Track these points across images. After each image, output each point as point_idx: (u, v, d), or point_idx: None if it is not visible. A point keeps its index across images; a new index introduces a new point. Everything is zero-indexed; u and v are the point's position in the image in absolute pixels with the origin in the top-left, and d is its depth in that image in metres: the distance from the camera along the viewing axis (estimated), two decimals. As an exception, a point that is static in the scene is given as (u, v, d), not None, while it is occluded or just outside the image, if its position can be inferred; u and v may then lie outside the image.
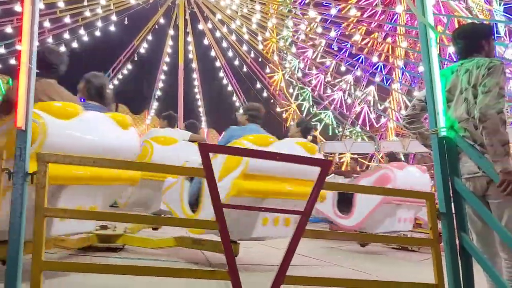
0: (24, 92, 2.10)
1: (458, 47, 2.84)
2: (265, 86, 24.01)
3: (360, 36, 19.04)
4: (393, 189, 3.69)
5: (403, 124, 3.05)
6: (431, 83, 2.70)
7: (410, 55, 23.55)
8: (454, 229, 2.53)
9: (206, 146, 2.22)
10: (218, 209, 2.16)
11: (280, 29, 19.02)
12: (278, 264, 2.19)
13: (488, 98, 2.42)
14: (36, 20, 2.18)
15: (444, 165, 2.61)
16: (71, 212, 2.13)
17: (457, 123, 2.63)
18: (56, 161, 2.07)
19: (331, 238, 3.52)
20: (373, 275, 4.20)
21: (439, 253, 2.44)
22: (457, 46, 2.86)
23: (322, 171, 2.34)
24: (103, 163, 2.16)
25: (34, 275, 1.89)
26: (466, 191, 2.52)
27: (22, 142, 2.05)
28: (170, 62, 21.85)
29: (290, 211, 2.49)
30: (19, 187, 2.02)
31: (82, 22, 17.41)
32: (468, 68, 2.63)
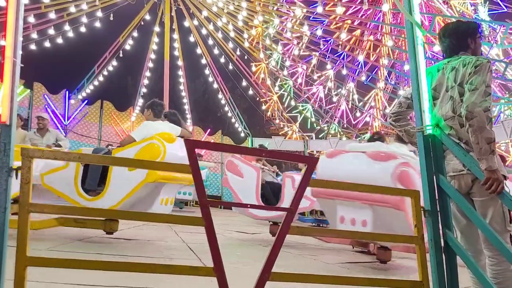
0: (8, 86, 2.06)
1: (444, 45, 2.85)
2: (251, 84, 23.99)
3: (346, 35, 19.11)
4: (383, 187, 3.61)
5: (390, 122, 3.07)
6: (417, 81, 2.73)
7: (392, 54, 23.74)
8: (439, 227, 2.56)
9: (192, 142, 2.21)
10: (204, 206, 2.15)
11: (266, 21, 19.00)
12: (263, 261, 2.19)
13: (474, 96, 2.43)
14: (21, 14, 2.14)
15: (430, 162, 2.64)
16: (54, 208, 2.10)
17: (442, 121, 2.65)
18: (41, 156, 2.04)
19: (317, 235, 3.53)
20: (359, 271, 4.25)
21: (423, 251, 2.46)
22: (443, 44, 2.86)
23: (308, 168, 2.35)
24: (89, 159, 2.13)
25: (18, 271, 1.86)
26: (451, 188, 2.55)
27: (7, 136, 2.02)
28: (155, 59, 21.72)
29: (275, 208, 2.49)
30: (3, 183, 1.99)
31: (67, 18, 17.18)
32: (455, 66, 2.65)
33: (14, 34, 2.11)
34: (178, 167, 2.14)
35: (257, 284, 2.19)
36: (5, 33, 2.17)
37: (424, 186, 2.65)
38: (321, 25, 18.13)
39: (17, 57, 2.14)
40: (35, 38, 17.24)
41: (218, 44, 20.89)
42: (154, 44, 21.17)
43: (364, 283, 2.35)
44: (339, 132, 24.63)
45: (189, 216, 2.05)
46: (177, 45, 21.32)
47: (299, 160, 2.23)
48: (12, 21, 2.12)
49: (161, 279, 3.21)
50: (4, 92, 2.07)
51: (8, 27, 2.12)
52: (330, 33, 20.58)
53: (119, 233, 5.84)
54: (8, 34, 2.14)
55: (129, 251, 4.57)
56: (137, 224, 7.16)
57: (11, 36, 2.13)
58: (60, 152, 2.00)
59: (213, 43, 20.76)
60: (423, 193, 2.63)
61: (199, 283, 3.03)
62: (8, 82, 2.09)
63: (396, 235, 2.57)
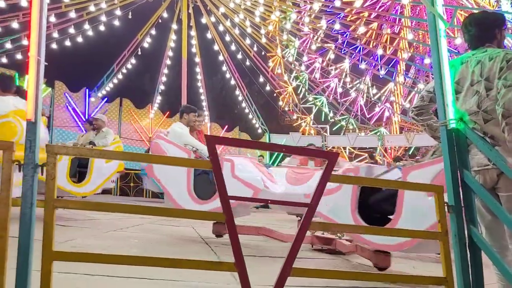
0: (33, 85, 2.09)
1: (470, 35, 2.76)
2: (268, 79, 23.97)
3: (364, 28, 18.90)
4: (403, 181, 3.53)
5: (412, 116, 3.02)
6: (440, 75, 2.67)
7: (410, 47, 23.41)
8: (463, 222, 2.51)
9: (213, 138, 2.21)
10: (225, 201, 2.16)
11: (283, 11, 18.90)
12: (284, 256, 2.19)
13: (511, 93, 2.36)
14: (44, 12, 2.17)
15: (453, 157, 2.59)
16: (78, 203, 2.13)
17: (467, 116, 2.60)
18: (66, 153, 2.07)
19: (337, 230, 3.48)
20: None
21: (447, 246, 2.43)
22: (468, 34, 2.77)
23: (329, 163, 2.34)
24: (110, 155, 2.15)
25: (45, 265, 1.90)
26: (475, 183, 2.50)
27: (32, 134, 2.05)
28: (173, 56, 21.86)
29: (296, 204, 2.49)
30: (30, 179, 2.02)
31: (86, 17, 17.40)
32: (480, 60, 2.57)
33: (38, 32, 2.14)
34: (199, 163, 2.14)
35: (278, 279, 2.19)
36: (29, 32, 2.21)
37: (447, 181, 2.60)
38: (337, 18, 17.98)
39: (41, 55, 2.17)
40: (56, 37, 17.50)
41: (235, 41, 20.90)
42: (172, 41, 21.28)
43: (387, 279, 2.33)
44: (357, 127, 24.44)
45: (210, 212, 2.05)
46: (194, 42, 21.41)
47: (319, 156, 2.21)
48: (36, 20, 2.15)
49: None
50: (29, 90, 2.10)
51: (32, 25, 2.15)
52: (346, 26, 20.39)
53: (138, 228, 5.93)
54: (32, 33, 2.17)
55: (148, 245, 4.62)
56: (154, 218, 7.22)
57: (35, 35, 2.16)
58: (83, 149, 2.03)
59: (230, 40, 20.77)
60: (447, 188, 2.59)
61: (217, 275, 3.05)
62: (33, 81, 2.12)
63: (418, 231, 2.53)
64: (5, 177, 2.00)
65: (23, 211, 2.00)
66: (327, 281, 2.69)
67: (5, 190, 1.99)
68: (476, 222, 2.55)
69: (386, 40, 22.57)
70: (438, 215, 2.51)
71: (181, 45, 19.00)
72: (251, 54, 22.16)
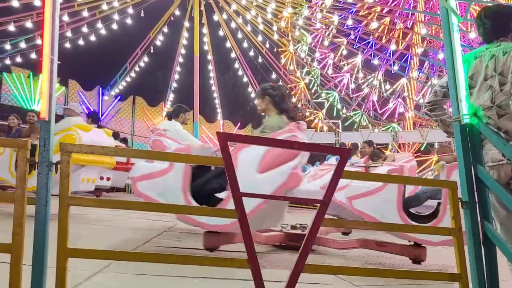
0: (47, 83, 2.12)
1: (485, 28, 2.72)
2: (280, 76, 23.93)
3: (377, 23, 18.74)
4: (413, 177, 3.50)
5: (425, 111, 2.99)
6: (453, 69, 2.65)
7: (431, 42, 23.15)
8: (477, 218, 2.49)
9: (225, 135, 2.22)
10: (237, 198, 2.16)
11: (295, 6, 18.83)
12: (297, 253, 2.19)
13: None
14: (57, 11, 2.20)
15: (467, 152, 2.56)
16: (91, 201, 2.15)
17: (481, 111, 2.57)
18: (79, 151, 2.10)
19: (350, 227, 3.43)
20: (393, 264, 4.20)
21: (461, 243, 2.40)
22: (483, 27, 2.73)
23: (342, 159, 2.33)
24: (123, 153, 2.17)
25: (60, 262, 1.93)
26: (489, 179, 2.48)
27: (46, 132, 2.08)
28: (185, 53, 21.94)
29: (308, 200, 2.48)
30: (44, 177, 2.05)
31: (99, 15, 17.54)
32: (494, 54, 2.54)
33: (51, 32, 2.17)
34: (212, 160, 2.15)
35: (291, 276, 2.19)
36: (42, 31, 2.23)
37: (461, 176, 2.57)
38: (349, 14, 17.87)
39: (54, 54, 2.19)
40: (69, 36, 17.68)
41: (247, 38, 20.89)
42: (184, 39, 21.35)
43: (401, 275, 2.32)
44: (370, 123, 24.28)
45: (222, 209, 2.06)
46: (206, 39, 21.45)
47: (331, 152, 2.19)
48: (49, 19, 2.18)
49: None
50: (42, 89, 2.13)
51: (45, 25, 2.17)
52: (358, 21, 20.26)
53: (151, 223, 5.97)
54: (45, 32, 2.20)
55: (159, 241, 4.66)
56: (162, 215, 7.23)
57: (48, 34, 2.19)
58: (97, 147, 2.05)
59: (242, 37, 20.77)
60: (461, 184, 2.56)
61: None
62: (46, 79, 2.15)
63: (433, 227, 2.51)
64: (21, 175, 2.04)
65: (38, 209, 2.03)
66: (337, 278, 2.69)
67: (21, 188, 2.02)
68: (490, 217, 2.53)
69: (399, 35, 22.36)
70: (451, 211, 2.49)
71: (193, 42, 19.04)
72: (263, 51, 22.13)
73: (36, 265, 1.99)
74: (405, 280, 2.86)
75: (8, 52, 16.75)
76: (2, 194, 2.03)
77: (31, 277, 1.97)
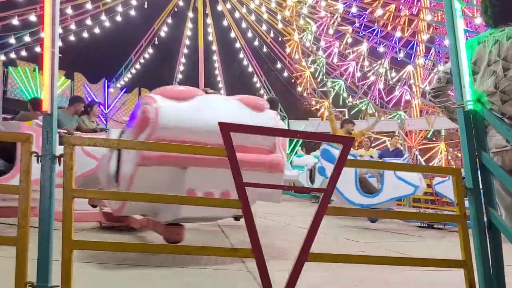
0: (48, 76, 2.13)
1: (492, 10, 2.65)
2: (285, 65, 23.83)
3: (381, 10, 18.58)
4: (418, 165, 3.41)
5: (429, 98, 2.96)
6: (457, 56, 2.62)
7: (436, 29, 22.90)
8: (482, 205, 2.48)
9: (228, 125, 2.22)
10: (240, 187, 2.17)
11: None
12: (301, 242, 2.20)
13: None
14: (57, 4, 2.20)
15: (471, 139, 2.54)
16: (99, 193, 2.17)
17: (485, 97, 2.54)
18: (82, 143, 2.11)
19: (354, 215, 3.38)
20: (396, 251, 4.20)
21: (466, 229, 2.40)
22: (491, 8, 2.66)
23: (345, 148, 2.32)
24: (126, 144, 2.18)
25: (65, 254, 1.95)
26: (494, 165, 2.46)
27: (49, 125, 2.09)
28: (190, 44, 21.88)
29: (312, 189, 2.48)
30: (48, 170, 2.07)
31: (103, 7, 17.51)
32: (498, 39, 2.50)
33: (51, 24, 2.17)
34: (214, 150, 2.15)
35: (295, 265, 2.20)
36: (43, 24, 2.24)
37: (465, 163, 2.56)
38: (354, 1, 17.71)
39: (55, 47, 2.20)
40: (74, 29, 17.68)
41: (251, 27, 20.79)
42: (188, 30, 21.29)
43: (406, 263, 2.32)
44: (376, 111, 24.15)
45: (225, 199, 2.07)
46: (210, 30, 21.37)
47: (334, 140, 2.19)
48: (49, 12, 2.18)
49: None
50: (44, 82, 2.14)
51: (45, 18, 2.18)
52: (363, 8, 20.07)
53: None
54: (46, 25, 2.20)
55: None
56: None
57: (49, 27, 2.19)
58: (99, 139, 2.06)
59: (247, 26, 20.67)
60: (465, 171, 2.55)
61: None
62: (48, 72, 2.16)
63: (437, 214, 2.51)
64: (24, 168, 2.05)
65: (42, 201, 2.05)
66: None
67: (25, 181, 2.04)
68: (495, 204, 2.52)
69: (404, 22, 22.13)
70: (456, 198, 2.48)
71: (197, 33, 18.97)
72: (267, 40, 22.02)
73: (41, 258, 2.01)
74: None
75: (13, 46, 16.80)
76: (7, 186, 2.05)
77: (37, 269, 1.99)
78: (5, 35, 16.25)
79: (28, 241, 2.01)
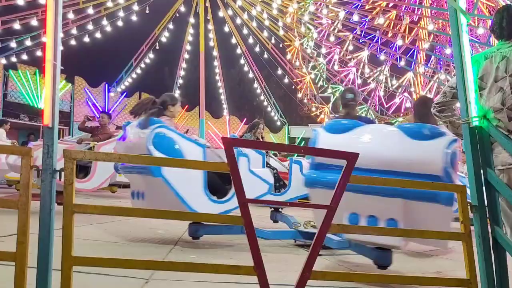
0: (50, 89, 2.10)
1: (502, 26, 2.64)
2: (286, 72, 23.84)
3: (383, 19, 18.57)
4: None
5: (434, 112, 2.93)
6: (462, 70, 2.59)
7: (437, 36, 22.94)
8: (487, 223, 2.45)
9: (230, 140, 2.19)
10: (243, 204, 2.14)
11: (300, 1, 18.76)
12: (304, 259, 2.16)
13: None
14: (59, 17, 2.17)
15: (476, 156, 2.52)
16: (97, 208, 2.14)
17: (491, 113, 2.52)
18: (83, 157, 2.08)
19: (358, 232, 3.19)
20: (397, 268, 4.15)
21: (471, 248, 2.36)
22: (499, 25, 2.65)
23: (348, 164, 2.29)
24: (129, 159, 2.15)
25: (65, 270, 1.91)
26: (500, 183, 2.43)
27: (49, 139, 2.06)
28: (191, 50, 21.87)
29: (314, 205, 2.45)
30: (48, 184, 2.04)
31: (104, 12, 17.52)
32: (505, 55, 2.48)
33: (54, 37, 2.14)
34: (217, 165, 2.12)
35: (298, 283, 2.16)
36: (45, 32, 2.21)
37: (470, 180, 2.53)
38: (355, 9, 17.73)
39: (57, 60, 2.17)
40: (75, 34, 17.68)
41: (252, 33, 20.81)
42: (190, 35, 21.29)
43: (408, 281, 2.28)
44: (377, 118, 24.14)
45: (228, 215, 2.04)
46: (212, 35, 21.37)
47: (338, 156, 2.16)
48: (51, 24, 2.16)
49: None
50: (46, 95, 2.11)
51: (47, 30, 2.15)
52: (364, 15, 20.10)
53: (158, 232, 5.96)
54: (48, 37, 2.18)
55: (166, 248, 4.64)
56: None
57: (51, 39, 2.17)
58: (100, 153, 2.03)
59: (248, 32, 20.68)
60: (470, 188, 2.52)
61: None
62: (49, 85, 2.13)
63: (442, 232, 2.48)
64: (24, 182, 2.02)
65: (42, 216, 2.02)
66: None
67: (24, 195, 2.00)
68: (500, 222, 2.49)
69: (405, 30, 22.15)
70: (461, 216, 2.45)
71: (198, 39, 18.97)
72: (268, 46, 22.03)
73: (40, 274, 1.98)
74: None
75: (14, 49, 16.79)
76: (6, 201, 2.02)
77: (36, 285, 1.95)
78: (6, 39, 16.24)
79: (27, 258, 1.97)
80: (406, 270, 3.97)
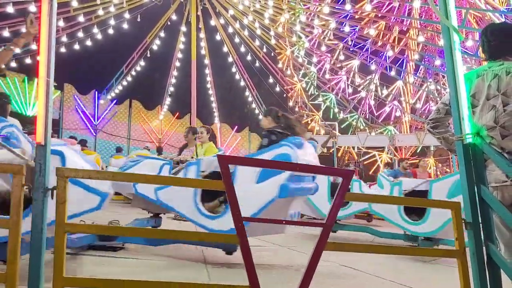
0: (43, 106, 2.07)
1: (491, 45, 2.67)
2: (277, 80, 23.92)
3: (373, 29, 18.77)
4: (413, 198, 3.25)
5: (427, 128, 2.94)
6: (456, 87, 2.61)
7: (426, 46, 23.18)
8: (481, 240, 2.45)
9: (226, 158, 2.18)
10: (239, 223, 2.12)
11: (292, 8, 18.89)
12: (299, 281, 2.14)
13: None
14: (53, 35, 2.15)
15: (470, 173, 2.52)
16: (90, 228, 2.10)
17: (484, 130, 2.53)
18: (75, 175, 2.05)
19: (354, 251, 3.13)
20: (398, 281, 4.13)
21: (465, 265, 2.37)
22: (488, 43, 2.69)
23: (345, 181, 2.29)
24: (121, 177, 2.13)
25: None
26: (493, 200, 2.44)
27: (41, 157, 2.03)
28: (182, 58, 21.87)
29: (310, 223, 2.43)
30: (40, 203, 2.00)
31: (95, 20, 17.47)
32: (497, 73, 2.50)
33: (47, 54, 2.12)
34: (212, 184, 2.10)
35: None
36: (39, 44, 2.18)
37: (464, 196, 2.54)
38: (345, 19, 17.90)
39: (50, 76, 2.14)
40: (65, 41, 17.59)
41: (244, 42, 20.87)
42: (181, 43, 21.30)
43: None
44: (367, 126, 24.28)
45: (223, 234, 2.02)
46: (203, 44, 21.41)
47: (335, 174, 2.15)
48: (45, 41, 2.13)
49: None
50: (38, 112, 2.08)
51: (41, 47, 2.13)
52: (354, 25, 20.30)
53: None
54: (41, 54, 2.15)
55: (143, 255, 4.59)
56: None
57: (44, 56, 2.14)
58: (93, 171, 2.00)
59: (239, 41, 20.74)
60: (464, 204, 2.53)
61: None
62: (42, 102, 2.10)
63: (436, 249, 2.47)
64: (15, 201, 1.98)
65: (33, 236, 1.98)
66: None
67: (16, 214, 1.97)
68: (494, 239, 2.49)
69: (394, 40, 22.37)
70: (455, 233, 2.45)
71: (190, 47, 18.98)
72: (260, 55, 22.10)
73: (31, 295, 1.94)
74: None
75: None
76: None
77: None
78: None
79: (17, 277, 1.93)
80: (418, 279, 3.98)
